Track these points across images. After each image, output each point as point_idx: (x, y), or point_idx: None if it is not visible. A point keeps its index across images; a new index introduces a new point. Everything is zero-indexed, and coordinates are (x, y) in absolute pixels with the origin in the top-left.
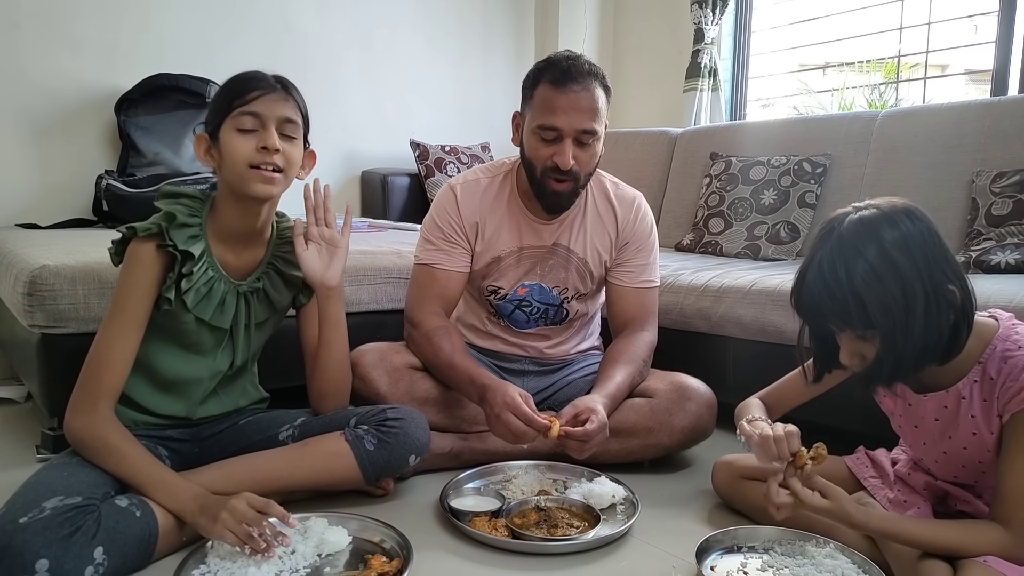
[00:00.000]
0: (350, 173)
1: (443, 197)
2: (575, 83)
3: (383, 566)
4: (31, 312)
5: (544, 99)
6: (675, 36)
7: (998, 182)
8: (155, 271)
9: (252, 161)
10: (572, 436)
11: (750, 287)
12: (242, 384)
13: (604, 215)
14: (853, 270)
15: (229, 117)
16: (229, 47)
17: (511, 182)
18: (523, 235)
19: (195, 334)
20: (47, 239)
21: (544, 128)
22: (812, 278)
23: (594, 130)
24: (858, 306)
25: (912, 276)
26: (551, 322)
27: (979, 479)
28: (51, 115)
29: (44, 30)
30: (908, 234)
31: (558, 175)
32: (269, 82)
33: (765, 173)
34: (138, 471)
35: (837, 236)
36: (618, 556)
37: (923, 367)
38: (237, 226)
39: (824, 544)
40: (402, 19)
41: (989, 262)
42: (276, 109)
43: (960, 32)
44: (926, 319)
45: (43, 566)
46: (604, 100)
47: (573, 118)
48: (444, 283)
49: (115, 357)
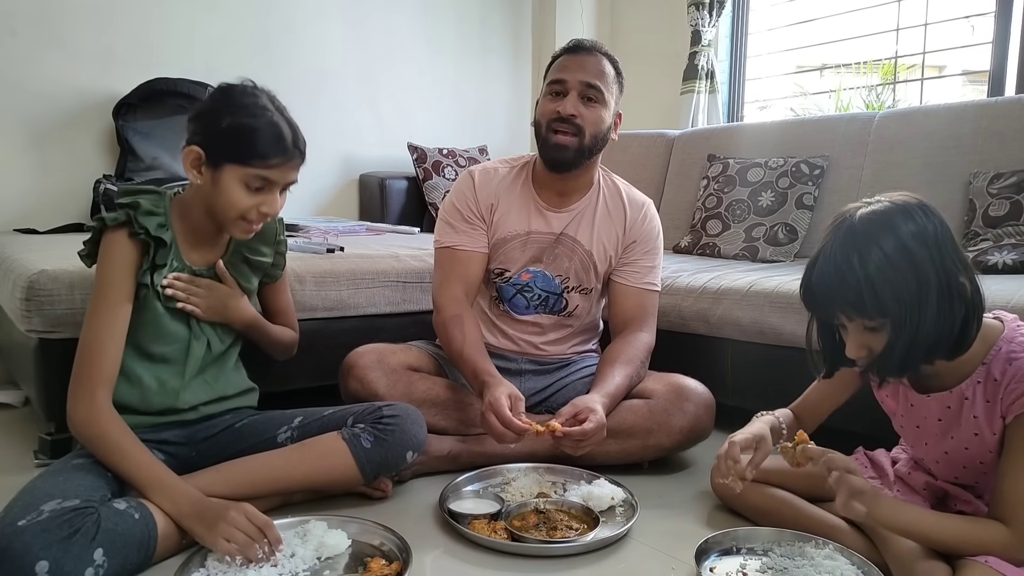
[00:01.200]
0: (348, 176)
1: (462, 181)
2: (583, 50)
3: (382, 569)
4: (29, 317)
5: (556, 64)
6: (672, 38)
7: (995, 183)
8: (131, 257)
9: (247, 216)
10: (570, 436)
11: (748, 289)
12: (227, 371)
13: (614, 212)
14: (867, 258)
15: (241, 168)
16: (227, 51)
17: (527, 172)
18: (532, 220)
19: (166, 323)
20: (45, 244)
21: (552, 83)
22: (824, 266)
23: (598, 87)
24: (871, 293)
25: (926, 266)
26: (550, 310)
27: (980, 480)
28: (49, 120)
29: (41, 36)
30: (923, 226)
31: (561, 125)
32: (289, 148)
33: (763, 175)
34: (138, 470)
35: (849, 226)
36: (617, 558)
37: (933, 358)
38: (204, 229)
39: (823, 545)
40: (400, 24)
41: (986, 263)
42: (288, 176)
43: (957, 33)
44: (939, 309)
45: (43, 568)
46: (612, 73)
47: (578, 73)
48: (465, 264)
49: (104, 343)
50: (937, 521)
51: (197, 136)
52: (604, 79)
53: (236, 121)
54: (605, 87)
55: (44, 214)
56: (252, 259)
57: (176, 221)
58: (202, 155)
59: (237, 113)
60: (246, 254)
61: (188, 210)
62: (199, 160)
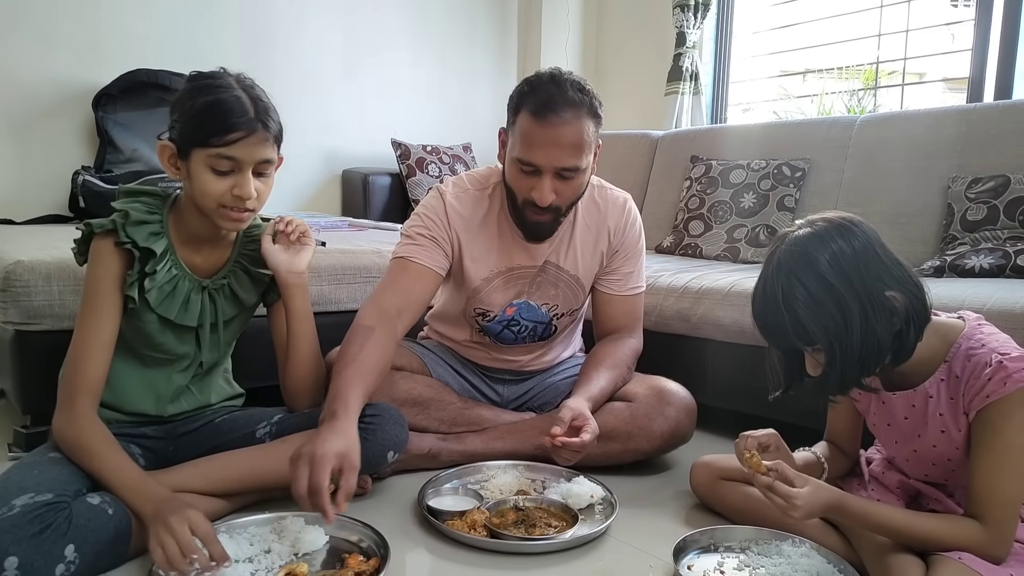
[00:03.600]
0: (331, 172)
1: (432, 201)
2: (556, 116)
3: (360, 565)
4: (5, 308)
5: (524, 131)
6: (657, 39)
7: (973, 188)
8: (117, 267)
9: (224, 202)
10: (568, 447)
11: (729, 289)
12: (214, 381)
13: (595, 228)
14: (790, 295)
15: (203, 151)
16: (210, 43)
17: (500, 198)
18: (513, 256)
19: (160, 334)
20: (22, 235)
21: (523, 163)
22: (759, 304)
23: (575, 167)
24: (799, 327)
25: (846, 292)
26: (539, 338)
27: (949, 477)
28: (27, 110)
29: (19, 24)
30: (840, 252)
31: (537, 209)
32: (249, 119)
33: (745, 176)
34: (105, 471)
35: (777, 260)
36: (596, 556)
37: (869, 373)
38: (201, 231)
39: (800, 544)
40: (385, 18)
41: (964, 266)
42: (255, 153)
43: (937, 40)
44: (863, 329)
45: (12, 564)
46: (592, 130)
47: (552, 155)
48: (415, 278)
49: (90, 352)
50: (908, 517)
51: (171, 130)
52: (581, 150)
53: (196, 103)
54: (583, 156)
55: (22, 205)
56: (253, 271)
57: (173, 226)
58: (174, 148)
59: (198, 95)
60: (248, 265)
61: (183, 212)
62: (174, 155)
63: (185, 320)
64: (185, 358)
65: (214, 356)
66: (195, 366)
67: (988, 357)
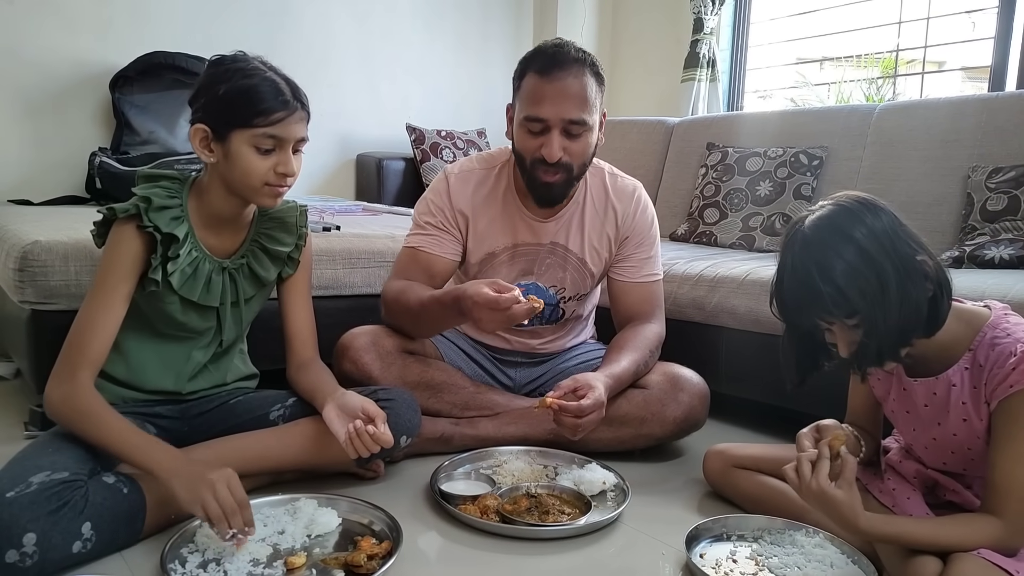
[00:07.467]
0: (345, 156)
1: (436, 184)
2: (561, 70)
3: (372, 548)
4: (22, 288)
5: (530, 89)
6: (674, 25)
7: (994, 178)
8: (138, 252)
9: (268, 181)
10: (565, 409)
11: (744, 277)
12: (232, 359)
13: (603, 211)
14: (828, 267)
15: (247, 131)
16: (226, 26)
17: (507, 176)
18: (518, 232)
19: (182, 314)
20: (39, 215)
21: (530, 119)
22: (790, 282)
23: (583, 120)
24: (840, 298)
25: (882, 259)
26: (547, 321)
27: (968, 467)
28: (45, 92)
29: (38, 6)
30: (872, 223)
31: (547, 166)
32: (289, 101)
33: (761, 164)
34: (119, 436)
35: (803, 238)
36: (608, 543)
37: (908, 341)
38: (225, 212)
39: (814, 534)
40: (401, 3)
41: (983, 257)
42: (295, 131)
43: (958, 28)
44: (901, 294)
45: (30, 540)
46: (595, 87)
47: (560, 107)
48: (425, 265)
49: (97, 328)
50: (934, 532)
51: (199, 113)
52: (587, 104)
53: (232, 86)
54: (589, 112)
55: (39, 186)
56: (272, 248)
57: (193, 208)
58: (208, 131)
59: (232, 78)
60: (266, 243)
61: (205, 194)
62: (207, 137)
63: (208, 300)
64: (206, 335)
65: (234, 333)
66: (215, 344)
67: (1013, 347)
